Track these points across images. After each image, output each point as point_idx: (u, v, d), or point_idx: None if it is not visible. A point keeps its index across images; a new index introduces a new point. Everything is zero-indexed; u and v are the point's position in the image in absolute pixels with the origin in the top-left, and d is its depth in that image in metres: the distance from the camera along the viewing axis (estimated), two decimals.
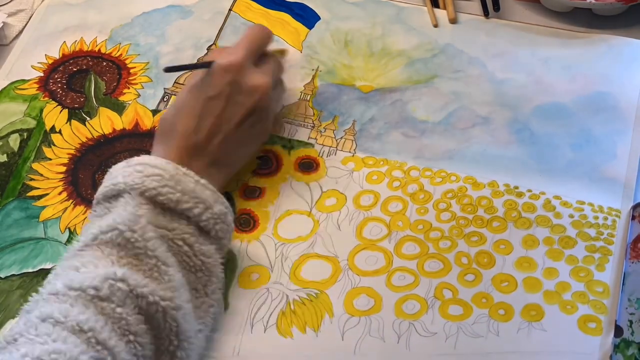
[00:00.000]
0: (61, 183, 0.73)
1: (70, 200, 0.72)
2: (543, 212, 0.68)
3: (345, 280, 0.65)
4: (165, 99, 0.78)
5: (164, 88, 0.79)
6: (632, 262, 0.64)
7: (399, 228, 0.68)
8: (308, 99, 0.77)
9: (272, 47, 0.72)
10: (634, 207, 0.67)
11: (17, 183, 0.73)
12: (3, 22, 0.84)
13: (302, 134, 0.75)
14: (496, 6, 0.81)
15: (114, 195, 0.59)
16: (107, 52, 0.82)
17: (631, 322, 0.61)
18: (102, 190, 0.60)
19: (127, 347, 0.51)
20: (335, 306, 0.64)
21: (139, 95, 0.79)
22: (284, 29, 0.83)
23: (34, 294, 0.55)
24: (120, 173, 0.59)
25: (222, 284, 0.61)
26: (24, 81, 0.81)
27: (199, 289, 0.58)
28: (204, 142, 0.64)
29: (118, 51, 0.82)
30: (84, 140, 0.76)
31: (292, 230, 0.68)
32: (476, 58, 0.79)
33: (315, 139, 0.74)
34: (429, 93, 0.76)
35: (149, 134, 0.75)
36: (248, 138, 0.67)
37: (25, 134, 0.76)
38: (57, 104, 0.78)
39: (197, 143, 0.63)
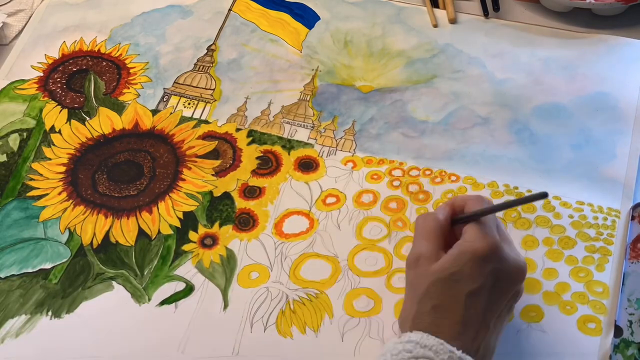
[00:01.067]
0: (61, 183, 0.73)
1: (70, 201, 0.72)
2: (543, 213, 0.68)
3: (345, 281, 0.65)
4: (164, 99, 0.78)
5: (164, 88, 0.79)
6: (632, 263, 0.64)
7: (398, 228, 0.68)
8: (308, 99, 0.77)
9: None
10: (634, 208, 0.67)
11: (17, 183, 0.73)
12: (3, 22, 0.84)
13: (302, 134, 0.75)
14: (496, 6, 0.81)
15: None
16: (106, 52, 0.82)
17: (631, 322, 0.61)
18: None
19: None
20: (335, 307, 0.64)
21: (138, 95, 0.79)
22: (283, 29, 0.83)
23: None
24: (390, 350, 0.53)
25: None
26: (23, 81, 0.81)
27: None
28: (471, 345, 0.54)
29: (118, 51, 0.82)
30: (84, 140, 0.76)
31: (291, 230, 0.68)
32: (476, 58, 0.79)
33: (315, 139, 0.74)
34: (428, 93, 0.76)
35: (149, 134, 0.75)
36: (506, 320, 0.58)
37: (24, 134, 0.76)
38: (56, 103, 0.78)
39: (465, 346, 0.53)
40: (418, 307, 0.55)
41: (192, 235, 0.69)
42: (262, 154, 0.73)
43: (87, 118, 0.77)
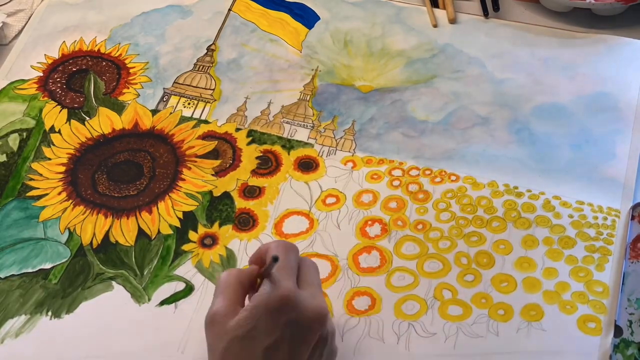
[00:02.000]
0: (61, 183, 0.73)
1: (70, 201, 0.72)
2: (542, 212, 0.68)
3: (345, 280, 0.65)
4: (164, 99, 0.78)
5: (164, 88, 0.79)
6: (632, 262, 0.64)
7: (398, 227, 0.68)
8: (308, 99, 0.77)
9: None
10: (634, 207, 0.67)
11: (17, 183, 0.73)
12: (2, 22, 0.84)
13: (302, 134, 0.75)
14: (496, 6, 0.81)
15: None
16: (106, 52, 0.82)
17: (631, 322, 0.61)
18: None
19: None
20: (335, 306, 0.64)
21: (138, 95, 0.79)
22: (283, 29, 0.83)
23: None
24: None
25: None
26: (23, 81, 0.81)
27: None
28: None
29: (117, 51, 0.82)
30: (84, 140, 0.76)
31: (291, 230, 0.68)
32: (476, 58, 0.79)
33: (315, 138, 0.74)
34: (428, 93, 0.76)
35: (149, 134, 0.75)
36: None
37: (24, 134, 0.76)
38: (56, 103, 0.78)
39: None
40: None
41: (192, 235, 0.69)
42: (261, 154, 0.73)
43: (87, 118, 0.77)
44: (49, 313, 0.65)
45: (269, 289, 0.52)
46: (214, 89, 0.79)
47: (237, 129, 0.75)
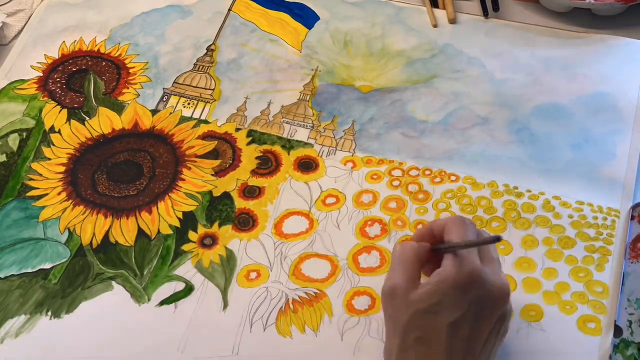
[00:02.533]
0: (60, 183, 0.73)
1: (70, 201, 0.72)
2: (542, 213, 0.68)
3: (345, 280, 0.65)
4: (164, 99, 0.78)
5: (163, 88, 0.79)
6: (632, 262, 0.64)
7: (398, 227, 0.68)
8: (307, 99, 0.77)
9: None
10: (634, 207, 0.67)
11: (17, 183, 0.73)
12: (2, 22, 0.84)
13: (302, 134, 0.75)
14: (495, 6, 0.81)
15: None
16: (106, 52, 0.82)
17: (630, 322, 0.61)
18: None
19: None
20: (335, 306, 0.64)
21: (138, 95, 0.79)
22: (283, 29, 0.83)
23: None
24: None
25: None
26: (23, 81, 0.81)
27: None
28: None
29: (117, 51, 0.82)
30: (83, 140, 0.76)
31: (291, 230, 0.68)
32: (475, 58, 0.79)
33: (315, 138, 0.74)
34: (428, 93, 0.76)
35: (148, 134, 0.75)
36: (496, 346, 0.57)
37: (24, 134, 0.76)
38: (56, 103, 0.78)
39: None
40: (401, 340, 0.54)
41: (192, 235, 0.69)
42: (261, 154, 0.73)
43: (87, 118, 0.77)
44: (49, 313, 0.65)
45: (455, 265, 0.53)
46: (213, 89, 0.79)
47: (237, 129, 0.75)
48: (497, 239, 0.51)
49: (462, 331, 0.53)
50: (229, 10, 0.85)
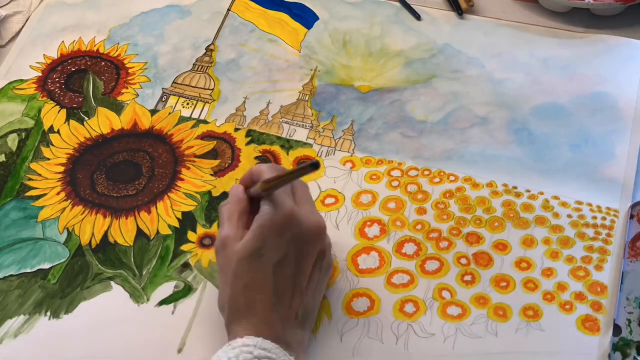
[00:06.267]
0: (59, 183, 0.73)
1: (69, 201, 0.71)
2: (541, 212, 0.68)
3: (344, 281, 0.65)
4: (163, 99, 0.78)
5: (162, 88, 0.79)
6: (631, 261, 0.64)
7: (397, 228, 0.68)
8: (306, 99, 0.77)
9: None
10: (633, 206, 0.67)
11: (16, 183, 0.73)
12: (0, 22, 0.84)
13: (301, 134, 0.75)
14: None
15: None
16: (105, 52, 0.82)
17: (629, 320, 0.61)
18: None
19: None
20: (334, 307, 0.64)
21: (137, 95, 0.79)
22: (282, 29, 0.83)
23: None
24: (226, 355, 0.53)
25: None
26: (22, 81, 0.81)
27: None
28: (288, 312, 0.57)
29: (116, 51, 0.82)
30: (82, 140, 0.76)
31: None
32: (474, 58, 0.79)
33: (314, 139, 0.74)
34: (427, 93, 0.76)
35: (147, 134, 0.75)
36: (321, 281, 0.61)
37: (23, 134, 0.76)
38: (55, 103, 0.78)
39: (283, 315, 0.56)
40: (231, 289, 0.56)
41: (191, 235, 0.69)
42: (260, 154, 0.73)
43: (86, 118, 0.77)
44: (48, 313, 0.65)
45: (271, 209, 0.56)
46: (212, 89, 0.79)
47: (236, 129, 0.75)
48: (313, 165, 0.52)
49: (287, 270, 0.57)
50: (228, 10, 0.85)
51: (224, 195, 0.71)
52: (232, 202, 0.60)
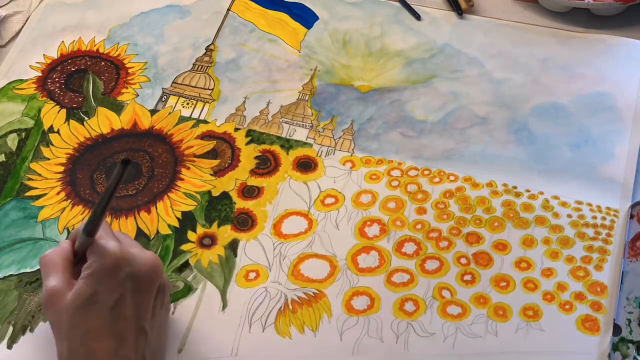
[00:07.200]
0: (59, 183, 0.73)
1: (69, 200, 0.71)
2: (541, 212, 0.68)
3: (344, 280, 0.65)
4: (163, 99, 0.78)
5: (162, 88, 0.79)
6: (631, 261, 0.64)
7: (397, 227, 0.68)
8: (306, 99, 0.77)
9: None
10: (632, 206, 0.67)
11: (15, 183, 0.73)
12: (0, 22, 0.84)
13: (301, 134, 0.75)
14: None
15: None
16: (105, 52, 0.82)
17: (629, 320, 0.61)
18: None
19: None
20: (334, 306, 0.64)
21: (137, 95, 0.79)
22: (282, 29, 0.83)
23: None
24: None
25: None
26: (22, 81, 0.81)
27: None
28: (135, 355, 0.54)
29: (116, 51, 0.82)
30: (82, 140, 0.76)
31: (290, 230, 0.68)
32: (474, 58, 0.79)
33: (314, 138, 0.74)
34: (427, 93, 0.76)
35: (147, 134, 0.75)
36: (163, 317, 0.59)
37: (23, 134, 0.76)
38: (55, 103, 0.78)
39: (128, 357, 0.53)
40: (68, 343, 0.53)
41: (191, 235, 0.69)
42: (260, 154, 0.73)
43: (86, 118, 0.77)
44: None
45: (99, 256, 0.54)
46: (212, 89, 0.79)
47: (236, 129, 0.75)
48: (123, 162, 0.49)
49: (126, 311, 0.53)
50: (228, 10, 0.85)
51: (224, 195, 0.71)
52: (55, 251, 0.57)
